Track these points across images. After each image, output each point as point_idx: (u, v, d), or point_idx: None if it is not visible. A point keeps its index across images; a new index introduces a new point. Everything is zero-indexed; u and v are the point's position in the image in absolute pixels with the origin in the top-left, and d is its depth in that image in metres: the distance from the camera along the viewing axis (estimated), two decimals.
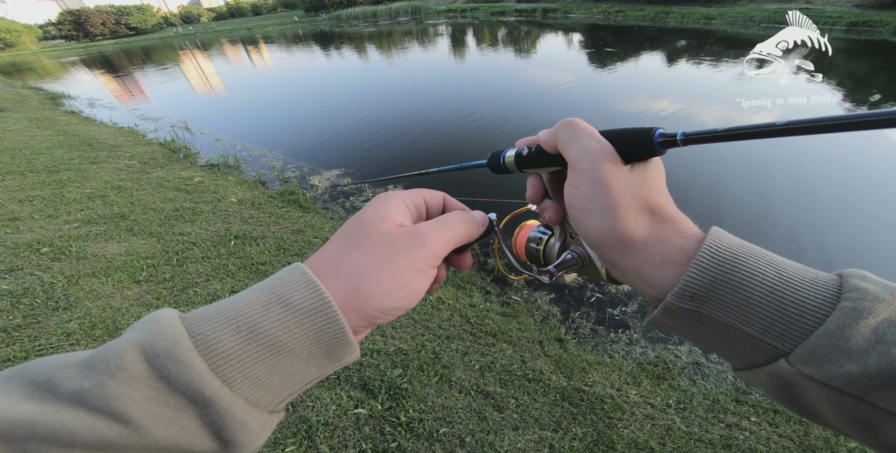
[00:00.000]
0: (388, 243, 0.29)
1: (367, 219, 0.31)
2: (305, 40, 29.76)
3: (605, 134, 0.30)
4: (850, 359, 0.21)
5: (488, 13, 37.71)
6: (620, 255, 0.29)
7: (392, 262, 0.28)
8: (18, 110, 8.68)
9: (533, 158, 0.37)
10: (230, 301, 0.26)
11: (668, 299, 0.27)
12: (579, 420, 1.83)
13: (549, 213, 0.37)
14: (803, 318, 0.23)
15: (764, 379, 0.25)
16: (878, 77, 9.19)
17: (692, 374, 2.28)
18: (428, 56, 16.28)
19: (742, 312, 0.25)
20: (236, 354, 0.24)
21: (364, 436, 1.57)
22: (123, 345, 0.22)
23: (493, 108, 7.40)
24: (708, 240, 0.26)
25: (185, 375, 0.22)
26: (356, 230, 0.30)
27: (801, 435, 1.88)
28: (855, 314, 0.22)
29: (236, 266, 2.68)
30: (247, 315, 0.25)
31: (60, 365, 0.22)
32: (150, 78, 16.31)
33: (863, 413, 0.21)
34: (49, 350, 1.83)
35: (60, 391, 0.21)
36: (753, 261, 0.25)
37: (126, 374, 0.21)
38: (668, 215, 0.29)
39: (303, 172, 5.24)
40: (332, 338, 0.26)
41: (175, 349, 0.22)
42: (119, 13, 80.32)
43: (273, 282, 0.27)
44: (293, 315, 0.25)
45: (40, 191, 3.75)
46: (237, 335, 0.24)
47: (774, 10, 20.42)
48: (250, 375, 0.24)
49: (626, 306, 2.79)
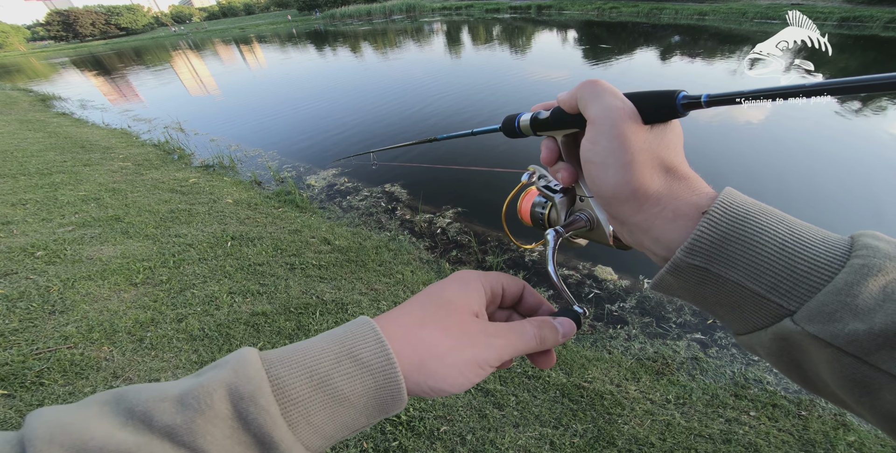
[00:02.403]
0: (463, 333, 0.31)
1: (449, 299, 0.32)
2: (300, 39, 29.57)
3: (627, 95, 0.31)
4: (856, 317, 0.21)
5: (483, 10, 37.61)
6: (633, 210, 0.30)
7: (460, 352, 0.30)
8: (8, 112, 8.58)
9: (550, 121, 0.37)
10: (304, 346, 0.28)
11: (676, 255, 0.26)
12: (579, 416, 1.84)
13: (562, 175, 0.37)
14: (812, 276, 0.23)
15: (766, 342, 0.25)
16: (871, 71, 9.24)
17: (691, 369, 2.30)
18: (424, 54, 16.22)
19: (750, 269, 0.24)
20: (305, 401, 0.26)
21: (365, 436, 1.57)
22: (214, 385, 0.24)
23: (489, 106, 7.39)
24: (721, 197, 0.26)
25: (260, 418, 0.24)
26: (436, 306, 0.32)
27: (801, 429, 1.90)
28: (864, 271, 0.21)
29: (233, 267, 2.67)
30: (320, 364, 0.27)
31: (157, 398, 0.23)
32: (142, 79, 16.15)
33: (863, 375, 0.21)
34: (47, 353, 1.82)
35: (155, 423, 0.22)
36: (765, 219, 0.25)
37: (213, 413, 0.23)
38: (682, 174, 0.30)
39: (299, 172, 5.22)
40: (389, 396, 0.28)
41: (257, 393, 0.24)
42: (109, 13, 79.45)
43: (345, 334, 0.29)
44: (360, 370, 0.27)
45: (33, 194, 3.71)
46: (309, 384, 0.26)
47: (767, 6, 20.50)
48: (312, 421, 0.26)
49: (624, 302, 2.81)
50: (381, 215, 4.06)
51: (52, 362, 1.78)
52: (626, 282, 2.98)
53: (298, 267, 2.79)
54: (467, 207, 4.03)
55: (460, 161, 5.10)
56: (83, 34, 74.98)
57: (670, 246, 0.28)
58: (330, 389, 0.26)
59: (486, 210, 3.93)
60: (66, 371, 1.76)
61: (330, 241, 3.26)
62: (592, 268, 3.14)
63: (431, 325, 0.30)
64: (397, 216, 4.02)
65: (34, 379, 1.71)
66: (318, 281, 2.67)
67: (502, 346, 0.31)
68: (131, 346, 1.94)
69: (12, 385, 1.67)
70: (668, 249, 0.28)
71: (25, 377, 1.70)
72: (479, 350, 0.30)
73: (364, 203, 4.32)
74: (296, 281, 2.60)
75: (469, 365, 0.30)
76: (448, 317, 0.31)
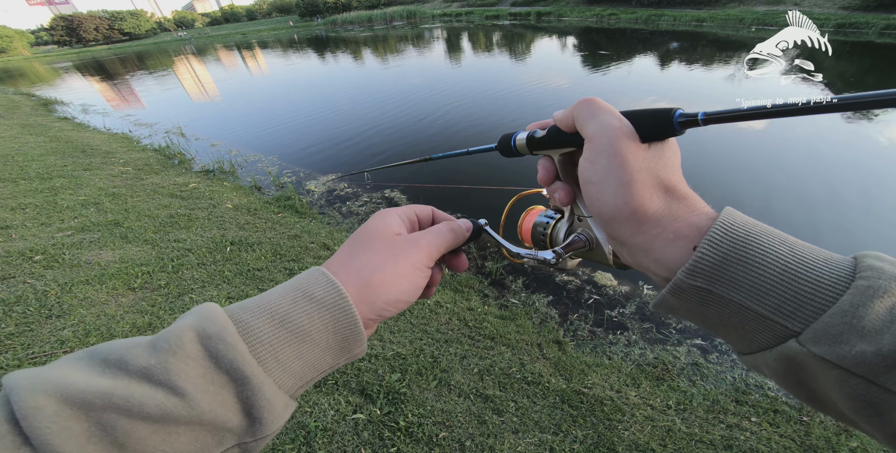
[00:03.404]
0: (390, 247, 0.34)
1: (371, 228, 0.36)
2: (301, 45, 29.81)
3: (624, 114, 0.31)
4: (864, 339, 0.21)
5: (483, 17, 37.95)
6: (633, 231, 0.29)
7: (395, 261, 0.33)
8: (10, 117, 8.62)
9: (546, 140, 0.37)
10: (263, 296, 0.30)
11: (678, 276, 0.26)
12: (579, 422, 1.83)
13: (559, 194, 0.37)
14: (816, 297, 0.23)
15: (772, 362, 0.25)
16: (868, 78, 9.31)
17: (691, 375, 2.28)
18: (424, 60, 16.33)
19: (753, 291, 0.24)
20: (269, 339, 0.27)
21: (363, 442, 1.55)
22: (182, 328, 0.25)
23: (489, 112, 7.43)
24: (721, 217, 0.26)
25: (230, 355, 0.25)
26: (362, 237, 0.36)
27: (802, 435, 1.88)
28: (870, 292, 0.21)
29: (232, 272, 2.66)
30: (279, 306, 0.29)
31: (129, 346, 0.25)
32: (144, 83, 16.25)
33: (873, 396, 0.21)
34: (43, 357, 1.81)
35: (131, 367, 0.23)
36: (767, 239, 0.25)
37: (184, 353, 0.24)
38: (681, 193, 0.30)
39: (299, 177, 5.23)
40: (347, 329, 0.30)
41: (223, 332, 0.26)
42: (112, 18, 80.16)
43: (297, 282, 0.31)
44: (316, 307, 0.29)
45: (33, 198, 3.71)
46: (271, 323, 0.28)
47: (764, 13, 20.70)
48: (279, 358, 0.27)
49: (623, 308, 2.80)
50: None
51: None
52: (626, 287, 2.97)
53: (297, 272, 2.78)
54: (466, 213, 4.04)
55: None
56: (87, 39, 75.60)
57: (671, 267, 0.28)
58: (292, 326, 0.28)
59: (486, 216, 3.93)
60: None
61: (329, 247, 3.25)
62: (592, 273, 3.14)
63: (363, 252, 0.34)
64: None
65: None
66: None
67: (426, 245, 0.35)
68: None
69: None
70: (668, 270, 0.28)
71: None
72: (409, 254, 0.34)
73: (364, 208, 4.32)
74: None
75: (407, 269, 0.33)
76: (375, 240, 0.35)
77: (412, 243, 0.35)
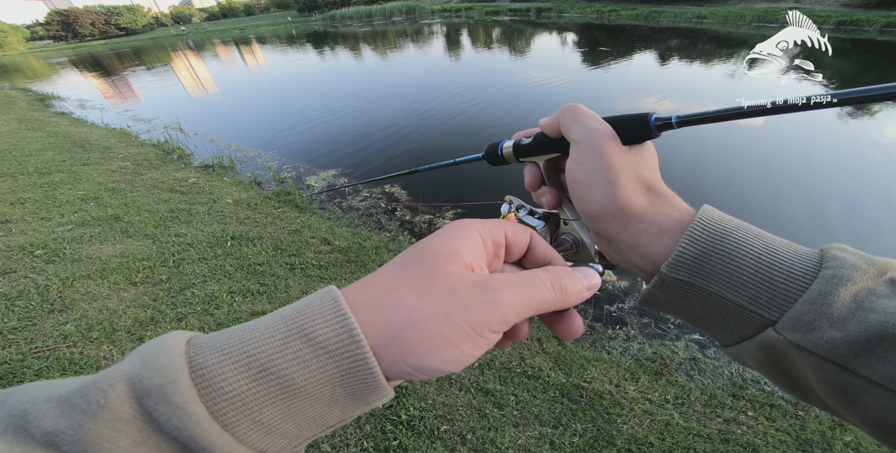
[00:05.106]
0: (449, 290, 0.23)
1: (432, 252, 0.25)
2: (299, 40, 29.60)
3: (605, 119, 0.33)
4: (833, 326, 0.22)
5: (483, 13, 37.75)
6: (620, 227, 0.31)
7: (447, 317, 0.22)
8: (7, 112, 8.56)
9: (532, 147, 0.38)
10: (248, 327, 0.22)
11: (662, 270, 0.28)
12: (579, 416, 1.85)
13: (546, 198, 0.39)
14: (789, 287, 0.24)
15: (753, 352, 0.26)
16: (867, 75, 9.32)
17: (689, 370, 2.31)
18: (423, 56, 16.26)
19: (731, 282, 0.26)
20: (242, 396, 0.20)
21: (365, 435, 1.57)
22: (110, 380, 0.19)
23: (488, 108, 7.41)
24: (700, 213, 0.28)
25: (176, 420, 0.19)
26: (416, 263, 0.25)
27: (798, 429, 1.91)
28: (835, 281, 0.23)
29: (233, 267, 2.67)
30: (261, 348, 0.21)
31: (41, 398, 0.19)
32: (141, 79, 16.14)
33: (845, 382, 0.22)
34: (45, 352, 1.81)
35: (33, 430, 0.18)
36: (742, 233, 0.27)
37: (109, 415, 0.18)
38: (662, 191, 0.31)
39: (299, 172, 5.22)
40: (360, 383, 0.22)
41: (168, 387, 0.19)
42: (109, 13, 79.38)
43: (297, 310, 0.23)
44: (314, 352, 0.21)
45: (32, 193, 3.70)
46: (246, 373, 0.20)
47: (765, 10, 20.66)
48: (258, 420, 0.21)
49: (622, 303, 2.82)
50: (380, 216, 4.06)
51: (50, 361, 1.77)
52: (625, 282, 2.99)
53: (298, 267, 2.79)
54: (467, 208, 4.05)
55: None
56: (83, 34, 74.87)
57: (656, 261, 0.29)
58: (276, 379, 0.20)
59: (486, 211, 3.94)
60: (65, 370, 1.76)
61: (330, 242, 3.26)
62: None
63: (409, 286, 0.24)
64: (397, 217, 4.03)
65: (33, 378, 1.70)
66: (317, 281, 2.67)
67: (509, 302, 0.23)
68: (131, 345, 1.93)
69: (11, 383, 1.67)
70: (653, 265, 0.29)
71: (24, 375, 1.70)
72: (473, 310, 0.23)
73: (364, 203, 4.33)
74: (296, 281, 2.61)
75: (460, 332, 0.22)
76: (431, 274, 0.24)
77: (485, 293, 0.23)
